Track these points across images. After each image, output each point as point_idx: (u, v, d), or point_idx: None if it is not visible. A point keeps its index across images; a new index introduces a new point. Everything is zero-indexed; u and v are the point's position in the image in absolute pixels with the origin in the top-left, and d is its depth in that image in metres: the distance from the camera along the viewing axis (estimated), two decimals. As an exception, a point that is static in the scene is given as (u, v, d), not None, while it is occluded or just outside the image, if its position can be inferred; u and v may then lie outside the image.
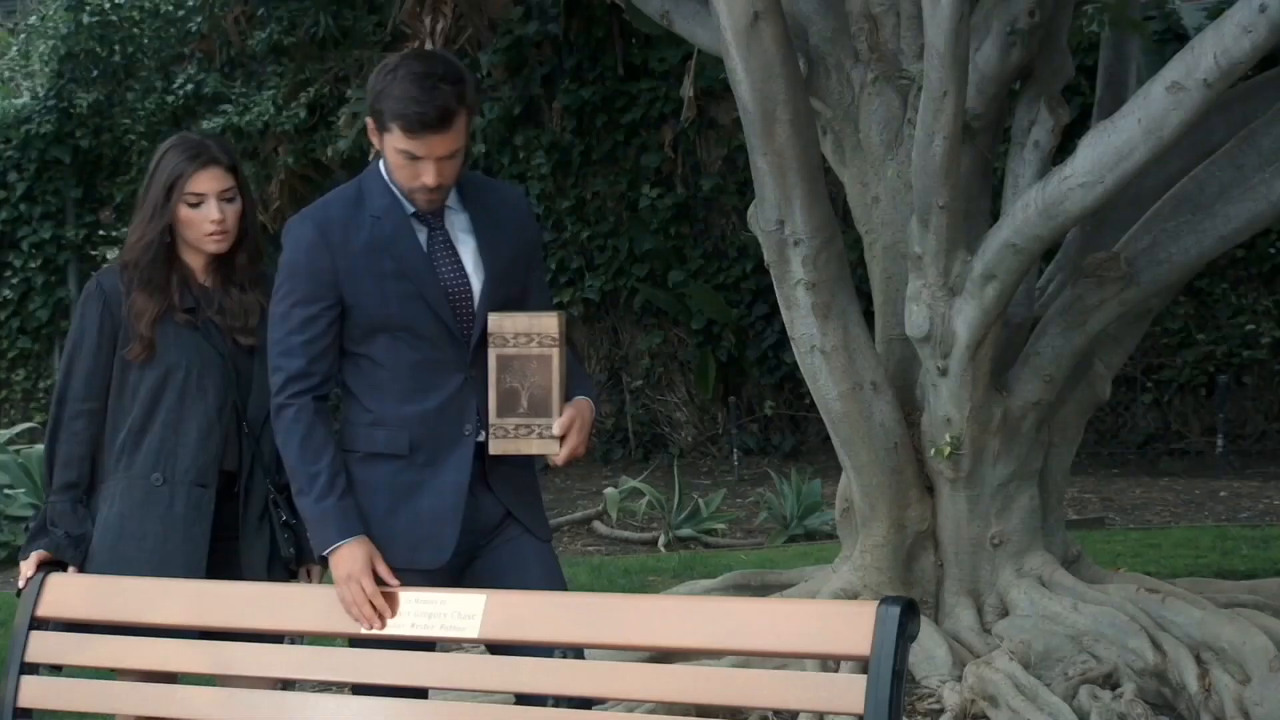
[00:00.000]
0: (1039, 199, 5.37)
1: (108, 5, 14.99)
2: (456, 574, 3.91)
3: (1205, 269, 9.34)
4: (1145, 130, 5.10)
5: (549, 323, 3.83)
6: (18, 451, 11.24)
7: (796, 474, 10.82)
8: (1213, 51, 4.98)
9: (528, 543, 3.98)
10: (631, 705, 4.60)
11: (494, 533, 3.94)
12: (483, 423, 3.85)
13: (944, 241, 5.57)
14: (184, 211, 4.19)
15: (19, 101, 15.56)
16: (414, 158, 3.76)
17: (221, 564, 4.19)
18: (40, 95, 15.22)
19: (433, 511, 3.85)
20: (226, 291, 4.25)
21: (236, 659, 4.03)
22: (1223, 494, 11.18)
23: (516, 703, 3.80)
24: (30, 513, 10.63)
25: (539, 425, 3.83)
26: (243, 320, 4.22)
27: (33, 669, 4.11)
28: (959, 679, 5.56)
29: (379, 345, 3.85)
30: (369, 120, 3.84)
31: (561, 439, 3.83)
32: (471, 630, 3.72)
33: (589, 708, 3.70)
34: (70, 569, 4.17)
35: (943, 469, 5.87)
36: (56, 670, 4.20)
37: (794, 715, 4.92)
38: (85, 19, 14.87)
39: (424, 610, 3.78)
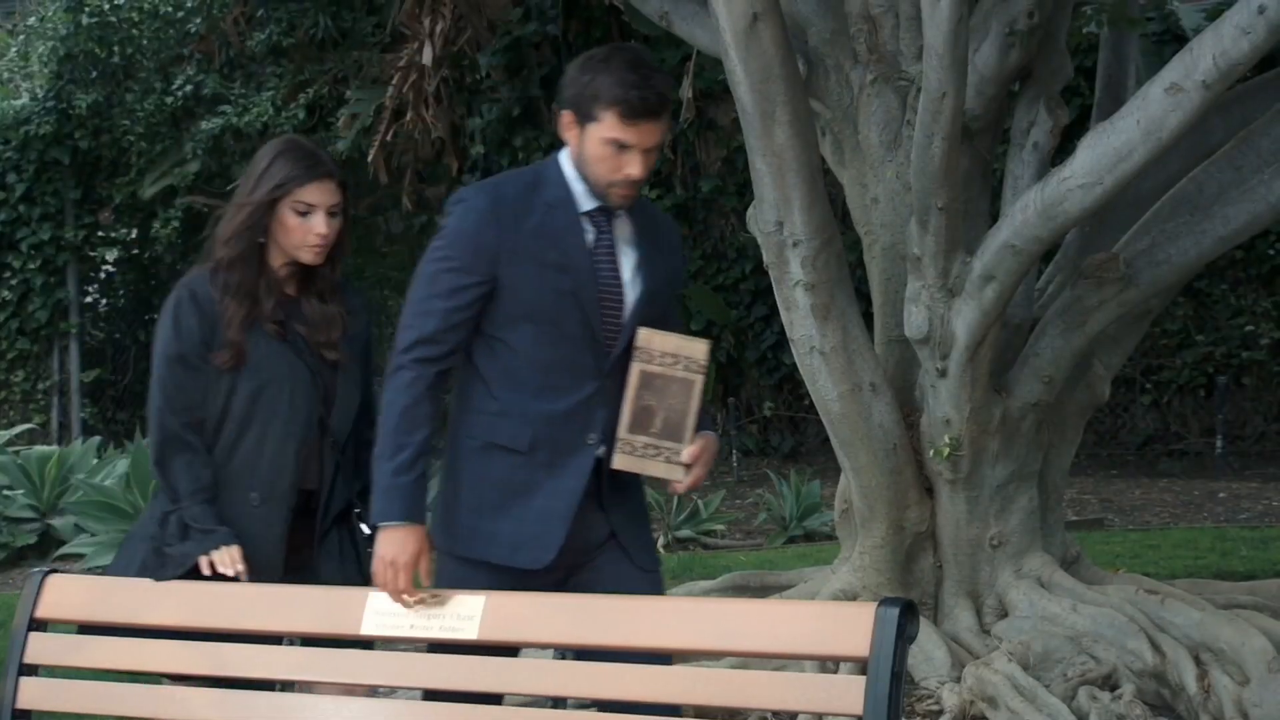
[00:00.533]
0: (1038, 200, 5.37)
1: (107, 6, 14.99)
2: (551, 587, 3.85)
3: (1204, 270, 9.36)
4: (1144, 131, 5.10)
5: (699, 348, 3.79)
6: (17, 453, 11.24)
7: (796, 475, 10.83)
8: (1211, 53, 4.98)
9: (629, 569, 3.92)
10: (632, 706, 4.60)
11: (596, 551, 3.88)
12: (605, 437, 3.79)
13: (943, 243, 5.57)
14: (289, 218, 4.12)
15: (18, 102, 15.56)
16: (622, 148, 3.74)
17: (296, 579, 4.16)
18: (39, 96, 15.23)
19: (543, 513, 3.79)
20: (308, 300, 4.19)
21: (234, 660, 4.03)
22: (1222, 495, 11.18)
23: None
24: (29, 514, 10.65)
25: (667, 449, 3.76)
26: (326, 334, 4.17)
27: (32, 670, 4.12)
28: (958, 680, 5.57)
29: (521, 334, 3.80)
30: (564, 114, 3.82)
31: (687, 467, 3.78)
32: (470, 631, 3.72)
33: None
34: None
35: (942, 470, 5.87)
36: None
37: (793, 716, 4.92)
38: (84, 20, 14.88)
39: (423, 612, 3.79)
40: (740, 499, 11.66)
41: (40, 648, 4.14)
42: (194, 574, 4.05)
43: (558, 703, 3.76)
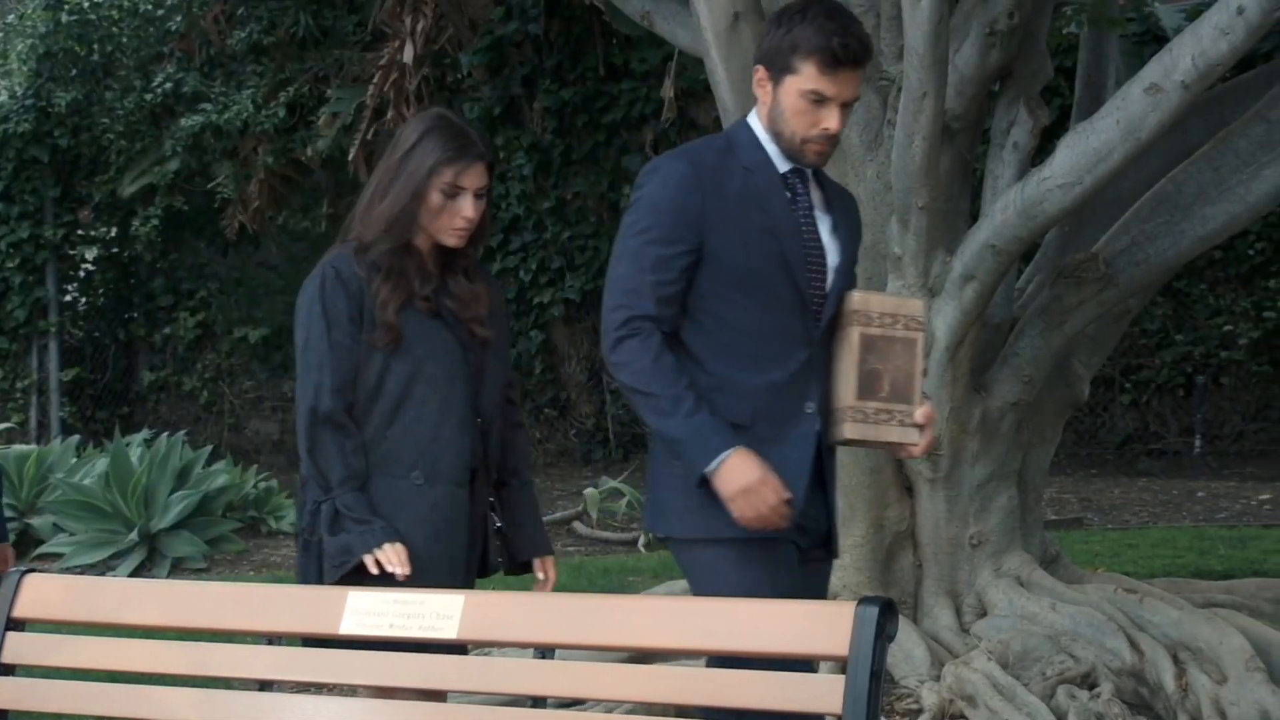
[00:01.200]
0: (1018, 200, 5.39)
1: (86, 4, 14.95)
2: (798, 566, 3.78)
3: (1183, 270, 9.40)
4: (1124, 132, 5.12)
5: (916, 305, 3.63)
6: (-9, 453, 11.22)
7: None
8: (1190, 54, 5.00)
9: (828, 564, 3.93)
10: (610, 705, 4.60)
11: (816, 545, 3.84)
12: (820, 407, 3.69)
13: (923, 242, 5.58)
14: (436, 199, 3.95)
15: (-3, 101, 15.54)
16: (820, 100, 3.65)
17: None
18: (18, 94, 15.19)
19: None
20: (454, 278, 4.02)
21: (215, 660, 4.03)
22: (1200, 494, 11.22)
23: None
24: (8, 513, 10.59)
25: (899, 412, 3.59)
26: (474, 310, 4.01)
27: (9, 670, 4.11)
28: (937, 679, 5.58)
29: (730, 304, 3.68)
30: (758, 69, 3.72)
31: (920, 429, 3.64)
32: (450, 631, 3.72)
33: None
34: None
35: (921, 469, 5.89)
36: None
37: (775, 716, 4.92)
38: (64, 18, 14.84)
39: (402, 611, 3.78)
40: (720, 498, 11.65)
41: (17, 647, 4.12)
42: (356, 573, 3.92)
43: (537, 702, 3.75)
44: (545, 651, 3.71)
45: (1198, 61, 4.99)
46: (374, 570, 3.84)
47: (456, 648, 3.81)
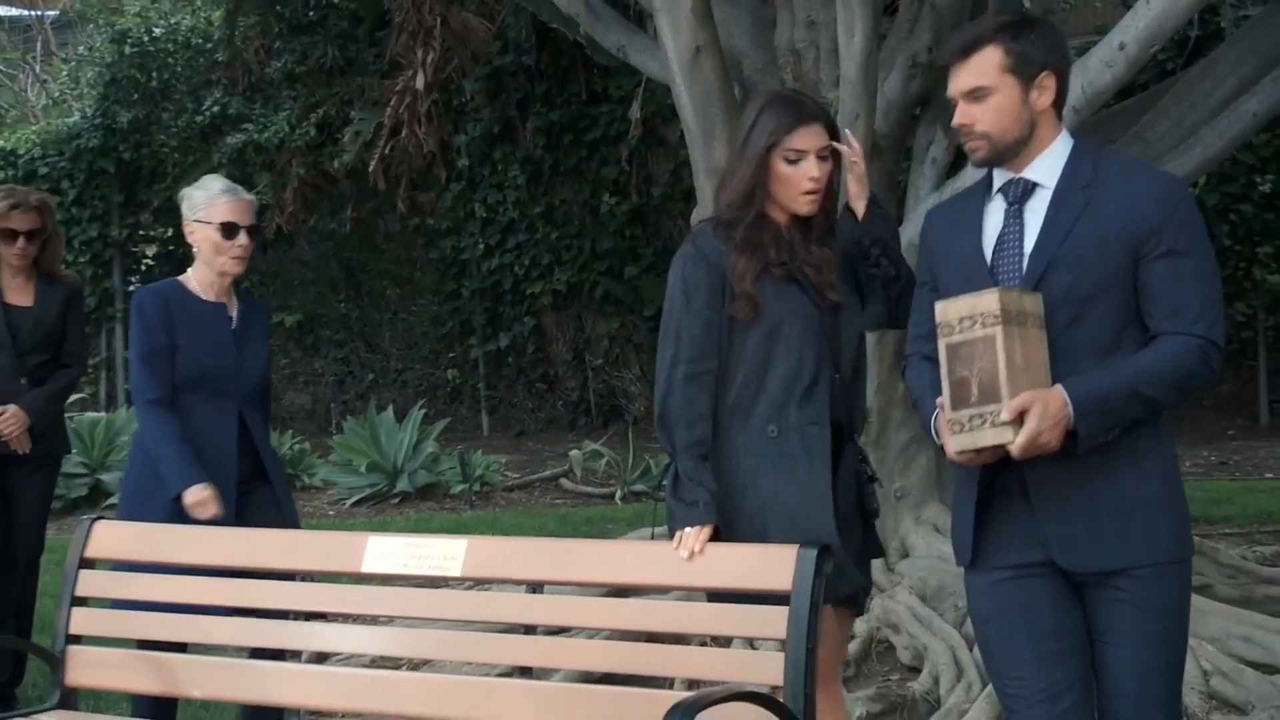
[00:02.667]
0: (936, 206, 5.38)
1: (146, 38, 14.88)
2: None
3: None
4: (1025, 148, 5.11)
5: (989, 300, 2.96)
6: (71, 418, 11.16)
7: (731, 438, 10.82)
8: (1080, 83, 5.00)
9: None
10: (592, 633, 4.60)
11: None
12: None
13: (856, 242, 5.57)
14: (781, 168, 3.55)
15: (70, 120, 15.45)
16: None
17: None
18: (88, 115, 15.11)
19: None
20: (806, 246, 3.60)
21: (255, 594, 4.02)
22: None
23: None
24: (82, 470, 10.60)
25: (990, 413, 2.95)
26: (826, 275, 3.58)
27: (82, 601, 4.10)
28: (867, 610, 5.59)
29: None
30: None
31: (1016, 425, 2.91)
32: (455, 569, 3.72)
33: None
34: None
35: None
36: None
37: (728, 640, 4.93)
38: (127, 49, 14.78)
39: (415, 553, 3.77)
40: (685, 458, 11.64)
41: (89, 583, 4.12)
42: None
43: (529, 630, 3.75)
44: (535, 587, 3.70)
45: (1086, 90, 4.99)
46: (681, 552, 3.42)
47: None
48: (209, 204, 4.50)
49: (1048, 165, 3.09)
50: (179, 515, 4.27)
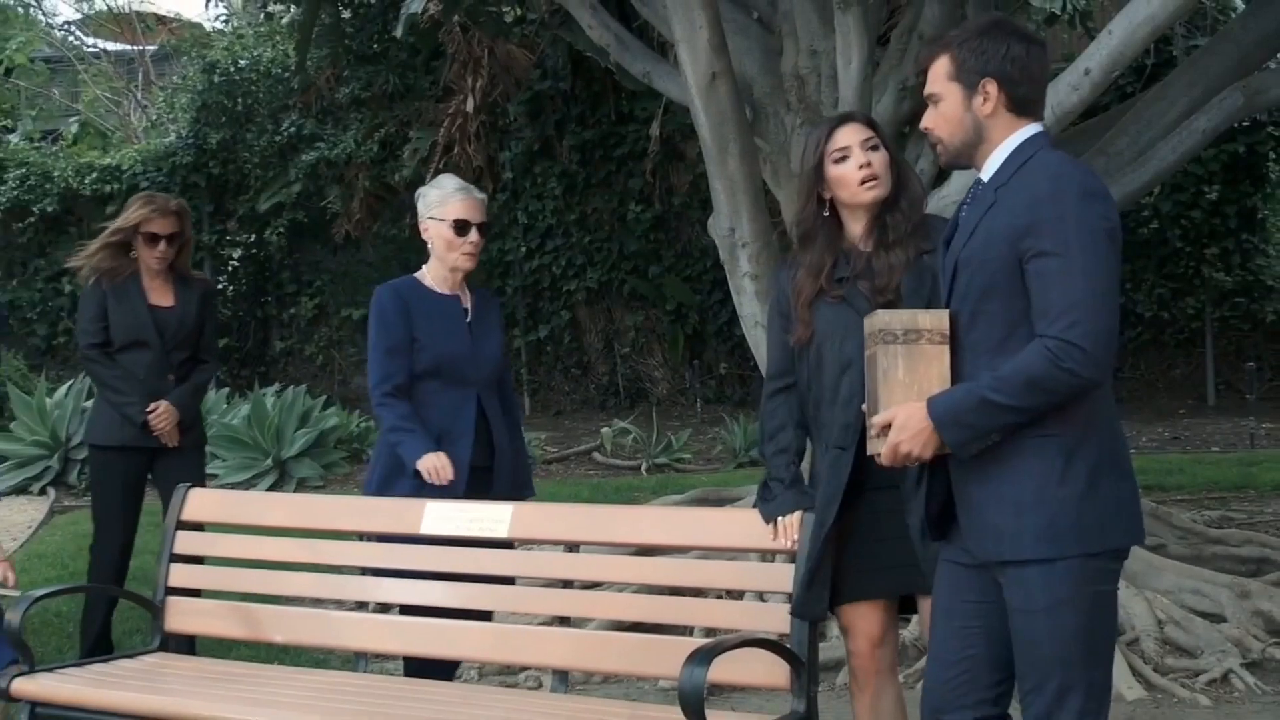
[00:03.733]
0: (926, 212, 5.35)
1: (232, 68, 14.90)
2: None
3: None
4: (1002, 162, 5.08)
5: (872, 319, 2.82)
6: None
7: (744, 417, 10.83)
8: (1050, 104, 4.94)
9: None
10: (621, 587, 4.60)
11: None
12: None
13: (852, 244, 5.54)
14: (834, 171, 3.25)
15: (167, 140, 15.48)
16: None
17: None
18: (182, 135, 15.14)
19: None
20: (878, 254, 3.25)
21: (328, 552, 4.03)
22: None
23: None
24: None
25: (874, 424, 2.79)
26: (887, 280, 3.21)
27: (180, 558, 4.12)
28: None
29: None
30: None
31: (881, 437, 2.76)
32: (503, 531, 3.72)
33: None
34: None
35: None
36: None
37: (741, 594, 4.92)
38: (216, 79, 14.80)
39: (467, 517, 3.78)
40: (703, 435, 11.66)
41: (185, 543, 4.14)
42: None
43: (567, 584, 3.75)
44: (572, 547, 3.70)
45: (1055, 110, 4.96)
46: (781, 543, 3.24)
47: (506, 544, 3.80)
48: (443, 202, 4.11)
49: (991, 165, 2.79)
50: (422, 493, 3.88)
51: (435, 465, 3.85)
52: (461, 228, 4.07)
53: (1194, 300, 12.69)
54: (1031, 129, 2.77)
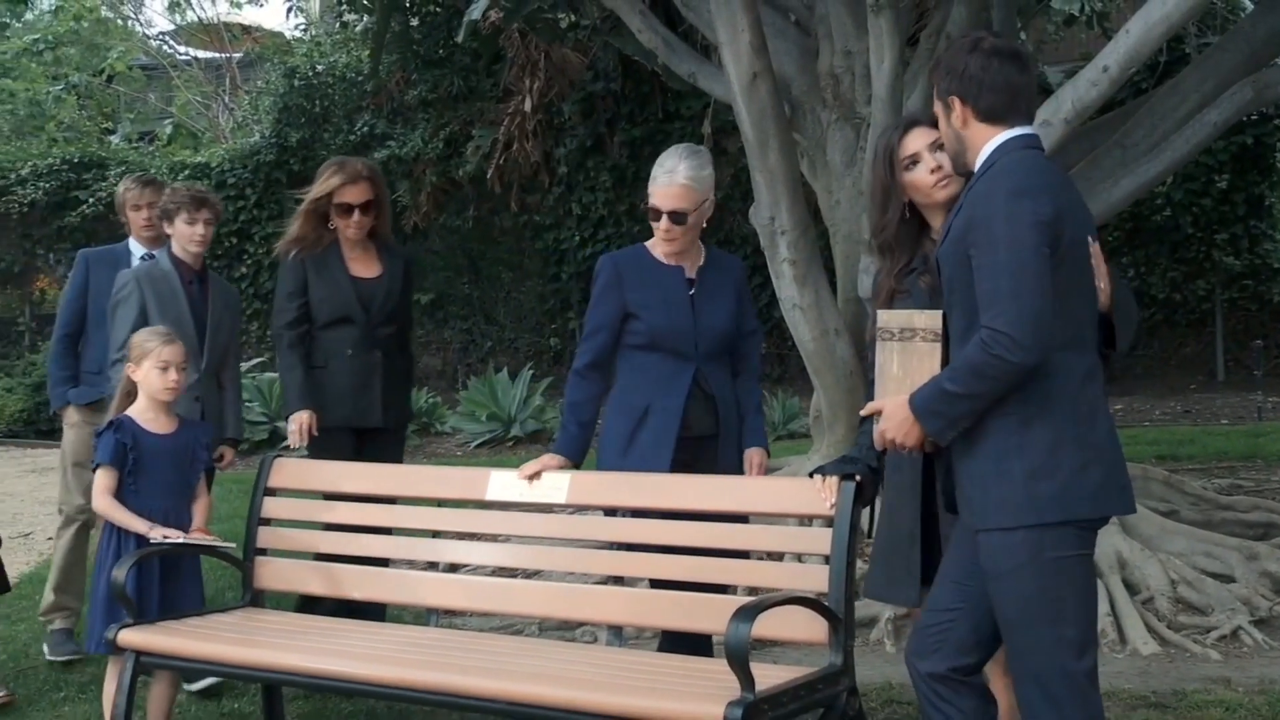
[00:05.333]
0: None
1: (311, 73, 14.99)
2: None
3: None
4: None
5: (883, 316, 2.90)
6: (254, 377, 11.36)
7: (783, 393, 10.80)
8: (1070, 99, 4.92)
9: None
10: (671, 548, 4.61)
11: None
12: None
13: (884, 231, 5.50)
14: (906, 178, 3.17)
15: (251, 140, 15.59)
16: None
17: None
18: (265, 135, 15.24)
19: None
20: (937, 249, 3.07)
21: (402, 516, 4.05)
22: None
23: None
24: (262, 419, 10.74)
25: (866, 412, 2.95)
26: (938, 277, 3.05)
27: (266, 522, 4.16)
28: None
29: None
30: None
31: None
32: (561, 498, 3.73)
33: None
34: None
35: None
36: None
37: (781, 555, 4.91)
38: (296, 83, 14.90)
39: (528, 484, 3.78)
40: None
41: (270, 507, 4.17)
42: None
43: (620, 546, 3.75)
44: (626, 512, 3.70)
45: (1075, 104, 4.90)
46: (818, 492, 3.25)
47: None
48: (651, 186, 3.93)
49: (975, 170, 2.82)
50: (625, 464, 3.70)
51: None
52: (654, 214, 3.89)
53: (1204, 283, 12.53)
54: (1005, 135, 2.77)
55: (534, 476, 3.71)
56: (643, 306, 3.76)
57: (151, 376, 3.91)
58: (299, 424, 4.41)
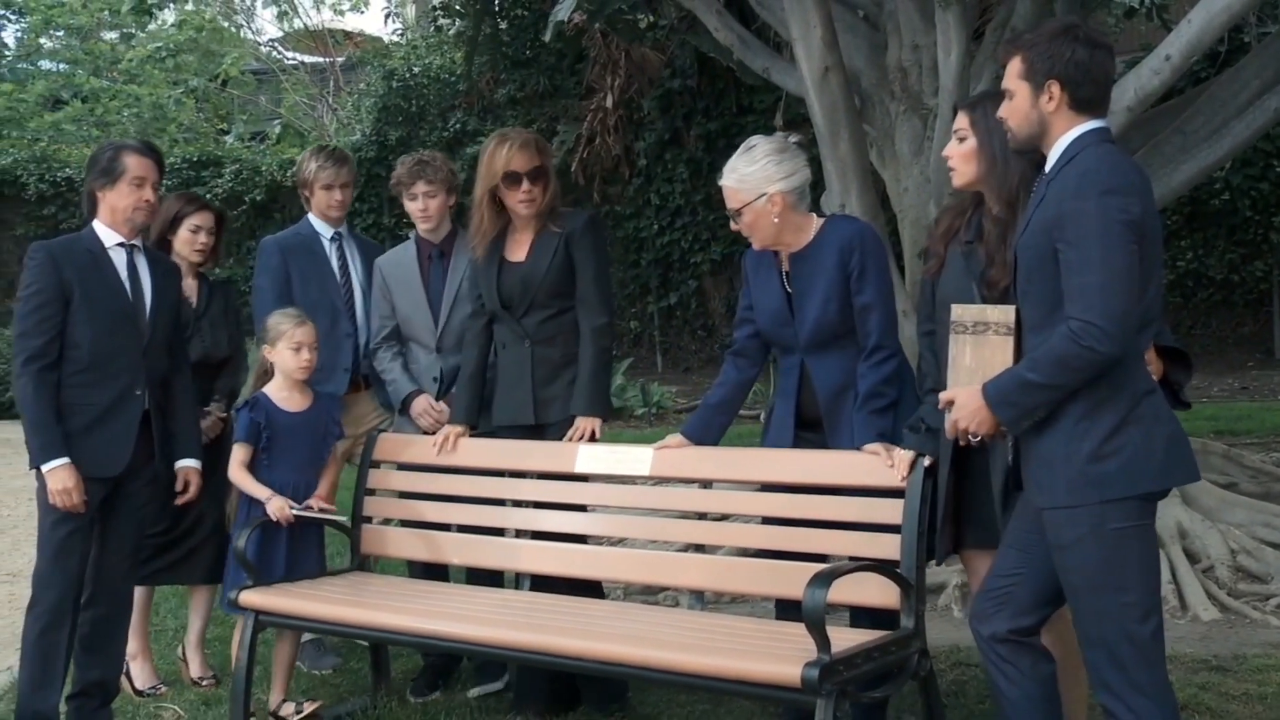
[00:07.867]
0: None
1: (408, 75, 15.12)
2: None
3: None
4: (1088, 141, 4.91)
5: (963, 311, 2.89)
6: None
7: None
8: (1133, 87, 4.80)
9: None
10: (748, 518, 4.60)
11: None
12: None
13: (951, 217, 5.42)
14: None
15: (353, 138, 15.76)
16: None
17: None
18: (366, 134, 15.40)
19: None
20: (1002, 240, 3.03)
21: (493, 488, 4.07)
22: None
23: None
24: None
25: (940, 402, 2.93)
26: (997, 259, 3.02)
27: (370, 492, 4.21)
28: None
29: None
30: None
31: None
32: (644, 470, 3.73)
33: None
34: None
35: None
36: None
37: (854, 525, 4.87)
38: (394, 84, 15.04)
39: (614, 458, 3.80)
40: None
41: (373, 479, 4.23)
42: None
43: (700, 516, 3.74)
44: (705, 483, 3.69)
45: (1138, 92, 4.78)
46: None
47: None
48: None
49: (1050, 159, 2.74)
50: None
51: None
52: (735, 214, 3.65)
53: (1262, 264, 12.20)
54: (1088, 125, 2.71)
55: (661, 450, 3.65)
56: (755, 298, 3.67)
57: (286, 356, 3.96)
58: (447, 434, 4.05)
